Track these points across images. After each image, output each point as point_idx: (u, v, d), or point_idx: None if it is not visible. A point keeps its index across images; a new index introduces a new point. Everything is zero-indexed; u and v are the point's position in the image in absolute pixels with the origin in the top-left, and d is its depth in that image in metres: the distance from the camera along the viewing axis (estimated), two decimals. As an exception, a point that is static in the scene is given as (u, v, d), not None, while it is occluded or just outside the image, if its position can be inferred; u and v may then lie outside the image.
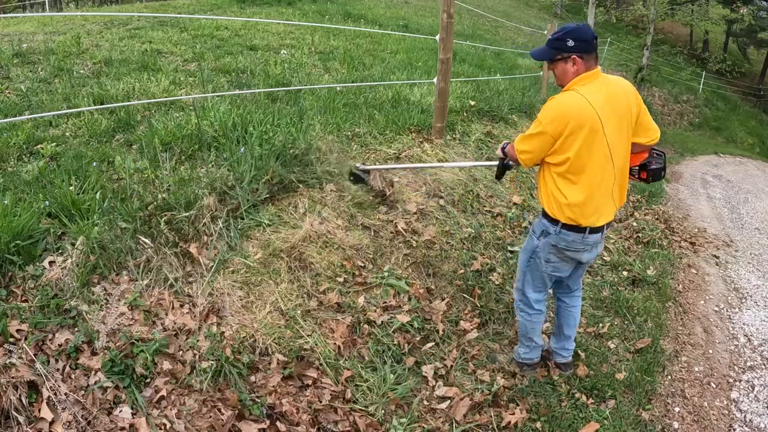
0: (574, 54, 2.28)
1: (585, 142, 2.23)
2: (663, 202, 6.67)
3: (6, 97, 4.07)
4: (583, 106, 2.22)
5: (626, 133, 2.36)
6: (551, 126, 2.25)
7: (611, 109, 2.27)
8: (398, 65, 6.97)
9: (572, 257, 2.51)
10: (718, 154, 13.02)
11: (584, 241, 2.41)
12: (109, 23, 7.27)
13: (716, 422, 2.79)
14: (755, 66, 27.21)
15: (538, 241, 2.53)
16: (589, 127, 2.22)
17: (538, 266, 2.58)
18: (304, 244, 3.00)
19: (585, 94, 2.24)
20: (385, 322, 2.90)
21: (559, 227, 2.41)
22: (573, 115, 2.21)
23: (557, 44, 2.31)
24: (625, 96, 2.34)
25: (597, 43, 2.33)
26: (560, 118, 2.23)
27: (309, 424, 2.27)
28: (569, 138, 2.23)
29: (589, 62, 2.30)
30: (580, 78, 2.30)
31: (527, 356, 2.87)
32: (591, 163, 2.28)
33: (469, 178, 4.60)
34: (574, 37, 2.27)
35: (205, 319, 2.45)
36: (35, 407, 1.91)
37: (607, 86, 2.31)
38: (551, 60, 2.36)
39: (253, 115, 3.85)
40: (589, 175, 2.29)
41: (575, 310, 2.83)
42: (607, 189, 2.36)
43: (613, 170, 2.33)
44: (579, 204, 2.32)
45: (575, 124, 2.21)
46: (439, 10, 4.44)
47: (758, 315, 3.90)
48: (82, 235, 2.44)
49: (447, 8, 4.35)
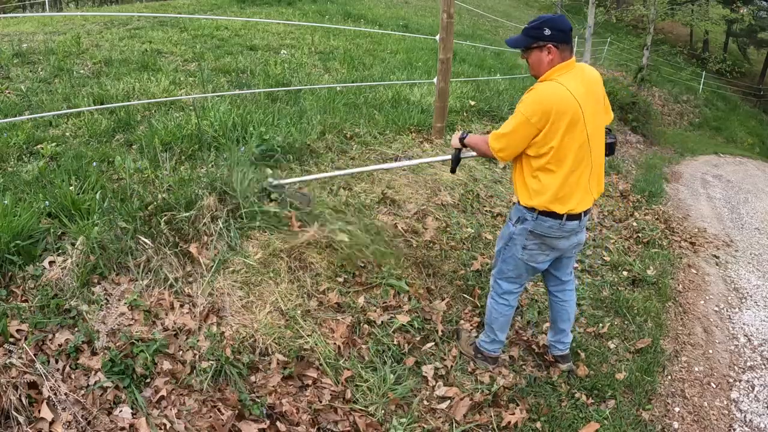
0: (550, 43, 2.29)
1: (567, 132, 2.25)
2: (663, 202, 6.67)
3: (6, 97, 4.07)
4: (565, 95, 2.23)
5: (601, 120, 2.41)
6: (535, 117, 2.24)
7: (588, 98, 2.30)
8: (398, 65, 6.97)
9: (549, 245, 2.50)
10: (718, 154, 13.03)
11: (562, 227, 2.41)
12: (109, 23, 7.27)
13: (716, 422, 2.79)
14: (755, 66, 27.20)
15: (514, 228, 2.53)
16: (570, 116, 2.23)
17: (514, 253, 2.58)
18: (303, 244, 3.00)
19: (564, 83, 2.26)
20: (385, 322, 2.90)
21: (536, 214, 2.41)
22: (556, 105, 2.22)
23: (533, 32, 2.32)
24: (597, 83, 2.40)
25: (572, 35, 2.35)
26: (544, 109, 2.24)
27: (309, 424, 2.27)
28: (553, 128, 2.24)
29: (564, 53, 2.32)
30: (556, 68, 2.31)
31: (485, 345, 2.85)
32: (570, 152, 2.29)
33: (469, 178, 4.60)
34: (551, 26, 2.28)
35: (205, 319, 2.45)
36: (35, 407, 1.91)
37: (582, 75, 2.34)
38: (526, 48, 2.37)
39: (253, 115, 3.85)
40: (568, 164, 2.31)
41: (568, 305, 2.80)
42: (584, 176, 2.37)
43: (590, 158, 2.35)
44: (556, 191, 2.33)
45: (558, 113, 2.22)
46: (439, 10, 4.44)
47: (758, 315, 3.90)
48: (82, 235, 2.44)
49: (447, 8, 4.35)
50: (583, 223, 2.48)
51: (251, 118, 3.78)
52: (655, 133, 12.72)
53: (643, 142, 11.36)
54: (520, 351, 3.06)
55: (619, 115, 11.14)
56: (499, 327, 2.78)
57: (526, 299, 3.56)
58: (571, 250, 2.59)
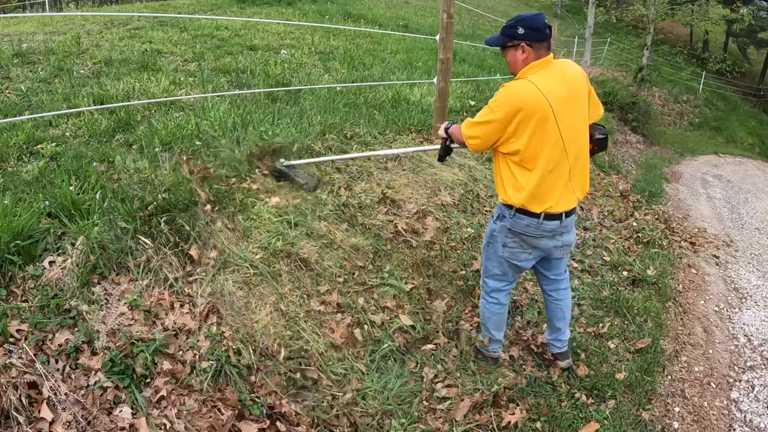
0: (524, 42, 2.30)
1: (536, 130, 2.25)
2: (663, 202, 6.67)
3: (6, 97, 4.07)
4: (533, 93, 2.24)
5: (581, 118, 2.38)
6: (501, 113, 2.26)
7: (564, 96, 2.29)
8: (398, 65, 6.97)
9: (530, 243, 2.50)
10: (718, 154, 13.03)
11: (539, 227, 2.41)
12: (109, 23, 7.27)
13: (716, 422, 2.79)
14: (755, 66, 27.20)
15: (494, 225, 2.56)
16: (539, 114, 2.23)
17: (496, 250, 2.60)
18: (304, 243, 3.00)
19: (535, 81, 2.26)
20: (385, 322, 2.90)
21: (514, 211, 2.42)
22: (523, 103, 2.23)
23: (508, 31, 2.34)
24: (579, 80, 2.37)
25: (549, 33, 2.34)
26: (510, 106, 2.25)
27: (309, 425, 2.27)
28: (520, 125, 2.25)
29: (539, 51, 2.32)
30: (530, 66, 2.32)
31: (484, 346, 2.87)
32: (543, 151, 2.29)
33: (469, 178, 4.60)
34: (525, 25, 2.30)
35: (205, 319, 2.45)
36: (35, 407, 1.91)
37: (559, 73, 2.33)
38: (502, 47, 2.39)
39: (253, 115, 3.85)
40: (541, 163, 2.30)
41: (562, 304, 2.79)
42: (561, 175, 2.36)
43: (567, 157, 2.34)
44: (532, 190, 2.34)
45: (525, 112, 2.23)
46: (439, 10, 4.44)
47: (758, 315, 3.90)
48: (82, 235, 2.44)
49: (447, 8, 4.35)
50: (566, 224, 2.46)
51: (251, 118, 3.78)
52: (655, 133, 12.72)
53: (643, 142, 11.36)
54: (520, 351, 3.06)
55: (619, 115, 11.14)
56: (493, 326, 2.79)
57: (526, 299, 3.56)
58: (558, 250, 2.57)
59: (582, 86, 2.39)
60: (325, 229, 3.17)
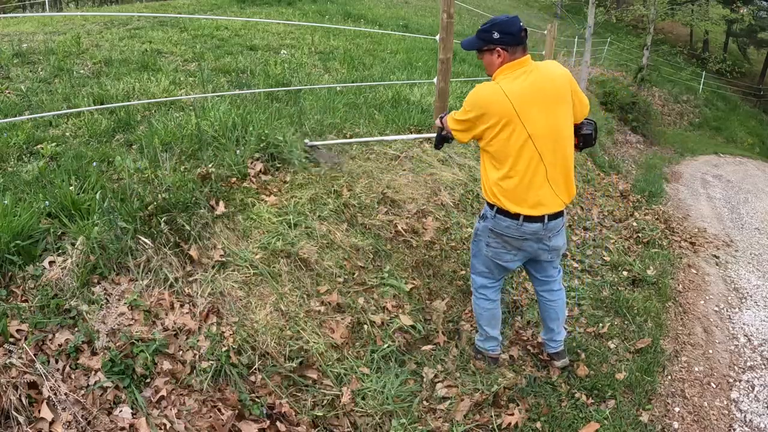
0: (498, 46, 2.32)
1: (502, 132, 2.28)
2: (663, 202, 6.67)
3: (6, 97, 4.07)
4: (496, 97, 2.26)
5: (562, 118, 2.34)
6: (471, 115, 2.35)
7: (534, 98, 2.28)
8: (398, 65, 6.97)
9: (513, 245, 2.50)
10: (718, 154, 13.04)
11: (519, 228, 2.41)
12: (109, 23, 7.27)
13: (716, 422, 2.79)
14: (755, 66, 27.20)
15: (479, 224, 2.61)
16: (503, 118, 2.26)
17: (480, 249, 2.64)
18: (304, 243, 3.00)
19: (502, 84, 2.28)
20: (386, 322, 2.90)
21: (494, 212, 2.44)
22: (486, 107, 2.28)
23: (484, 35, 2.36)
24: (558, 80, 2.35)
25: (525, 35, 2.34)
26: (477, 109, 2.32)
27: (309, 425, 2.27)
28: (487, 128, 2.30)
29: (514, 54, 2.33)
30: (502, 69, 2.34)
31: (482, 345, 2.88)
32: (512, 153, 2.31)
33: (469, 178, 4.60)
34: (500, 29, 2.31)
35: (205, 319, 2.45)
36: (35, 407, 1.91)
37: (532, 75, 2.31)
38: (478, 50, 2.42)
39: (252, 115, 3.85)
40: (513, 164, 2.32)
41: (555, 305, 2.79)
42: (537, 178, 2.34)
43: (540, 159, 2.32)
44: (507, 191, 2.36)
45: (488, 115, 2.28)
46: (439, 10, 4.44)
47: (758, 315, 3.90)
48: (82, 235, 2.44)
49: (447, 8, 4.35)
50: (550, 227, 2.43)
51: (251, 118, 3.78)
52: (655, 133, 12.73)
53: (643, 142, 11.36)
54: (520, 351, 3.06)
55: (619, 115, 11.15)
56: (485, 322, 2.80)
57: (526, 299, 3.56)
58: (545, 254, 2.55)
59: (562, 86, 2.35)
60: (325, 229, 3.17)
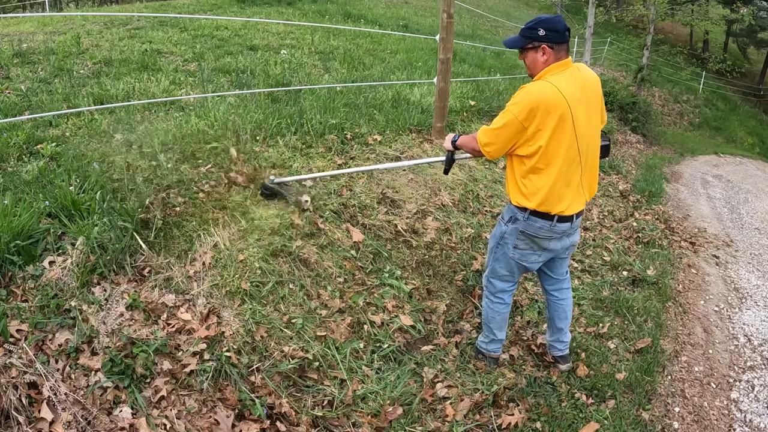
0: (545, 43, 2.30)
1: (555, 131, 2.25)
2: (663, 202, 6.67)
3: (6, 97, 4.07)
4: (553, 94, 2.24)
5: (595, 122, 2.40)
6: (522, 115, 2.25)
7: (581, 99, 2.29)
8: (398, 65, 6.97)
9: (540, 245, 2.50)
10: (718, 154, 13.03)
11: (552, 228, 2.42)
12: (109, 23, 7.27)
13: (716, 422, 2.79)
14: (755, 66, 27.20)
15: (506, 227, 2.54)
16: (558, 115, 2.23)
17: (506, 252, 2.59)
18: (304, 243, 3.00)
19: (554, 82, 2.26)
20: (385, 322, 2.90)
21: (528, 214, 2.42)
22: (543, 104, 2.23)
23: (529, 33, 2.33)
24: (595, 85, 2.39)
25: (569, 35, 2.34)
26: (531, 107, 2.24)
27: (309, 425, 2.27)
28: (540, 126, 2.25)
29: (559, 53, 2.32)
30: (550, 68, 2.32)
31: (485, 346, 2.87)
32: (559, 152, 2.29)
33: (469, 178, 4.60)
34: (546, 26, 2.29)
35: (205, 319, 2.45)
36: (35, 407, 1.91)
37: (578, 76, 2.33)
38: (522, 48, 2.38)
39: (252, 115, 3.85)
40: (557, 164, 2.31)
41: (565, 303, 2.80)
42: (574, 177, 2.36)
43: (579, 159, 2.34)
44: (546, 192, 2.34)
45: (545, 112, 2.23)
46: (439, 10, 4.44)
47: (758, 315, 3.90)
48: (82, 235, 2.44)
49: (447, 8, 4.35)
50: (575, 225, 2.48)
51: (251, 118, 3.78)
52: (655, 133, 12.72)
53: (643, 142, 11.36)
54: (520, 351, 3.06)
55: (619, 115, 11.14)
56: (497, 326, 2.79)
57: (527, 299, 3.56)
58: (564, 251, 2.59)
59: (597, 91, 2.40)
60: (325, 229, 3.17)
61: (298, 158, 3.71)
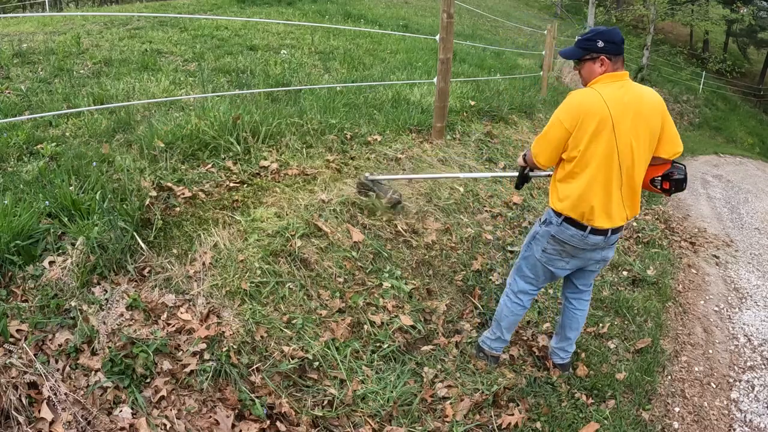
0: (603, 55, 2.32)
1: (593, 136, 2.25)
2: (663, 202, 6.67)
3: (6, 97, 4.07)
4: (595, 100, 2.26)
5: (642, 140, 2.31)
6: (567, 119, 2.28)
7: (627, 111, 2.26)
8: (398, 65, 6.97)
9: (570, 253, 2.50)
10: (718, 154, 13.03)
11: (584, 240, 2.41)
12: (109, 23, 7.27)
13: (716, 422, 2.79)
14: (755, 66, 27.21)
15: (539, 228, 2.57)
16: (597, 121, 2.24)
17: (533, 253, 2.60)
18: (304, 243, 3.00)
19: (600, 90, 2.28)
20: (385, 322, 2.90)
21: (561, 219, 2.43)
22: (585, 108, 2.25)
23: (587, 44, 2.34)
24: (651, 105, 2.31)
25: (624, 47, 2.37)
26: (574, 111, 2.27)
27: (309, 425, 2.27)
28: (581, 130, 2.26)
29: (616, 64, 2.34)
30: (600, 78, 2.33)
31: (489, 343, 2.86)
32: (595, 158, 2.28)
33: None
34: (604, 38, 2.31)
35: (205, 319, 2.45)
36: (35, 407, 1.91)
37: (629, 90, 2.31)
38: (579, 59, 2.39)
39: (252, 115, 3.85)
40: (590, 170, 2.30)
41: (580, 314, 2.81)
42: (612, 190, 2.33)
43: (619, 171, 2.31)
44: (577, 198, 2.34)
45: (586, 116, 2.25)
46: (439, 10, 4.44)
47: (758, 315, 3.90)
48: (82, 235, 2.44)
49: (447, 8, 4.35)
50: (611, 240, 2.45)
51: (251, 118, 3.78)
52: (655, 133, 12.70)
53: (643, 142, 11.35)
54: (520, 351, 3.06)
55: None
56: (507, 326, 2.80)
57: (526, 299, 3.55)
58: (594, 264, 2.60)
59: (653, 112, 2.31)
60: (325, 229, 3.17)
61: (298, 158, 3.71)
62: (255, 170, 3.38)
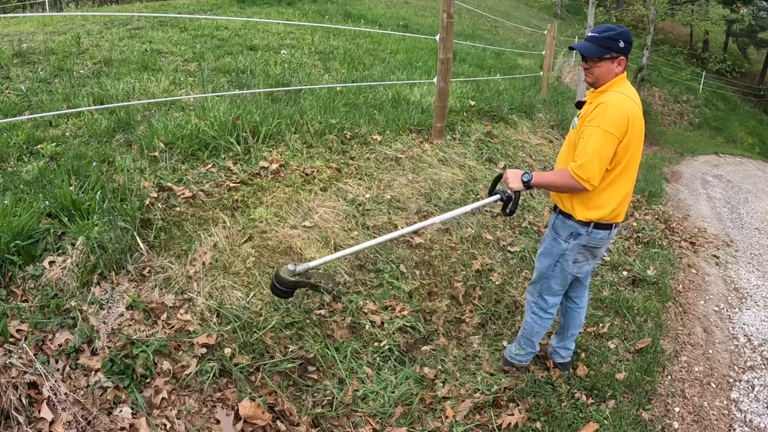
0: (623, 56, 2.33)
1: (636, 142, 2.31)
2: (663, 202, 6.67)
3: (6, 97, 4.07)
4: (635, 106, 2.30)
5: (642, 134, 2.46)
6: (619, 132, 2.23)
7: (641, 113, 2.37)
8: (398, 65, 6.97)
9: (594, 254, 2.58)
10: (718, 154, 13.04)
11: (609, 235, 2.49)
12: (109, 23, 7.27)
13: (716, 422, 2.79)
14: (755, 66, 27.21)
15: (566, 244, 2.50)
16: (639, 125, 2.31)
17: (564, 269, 2.57)
18: (304, 243, 3.00)
19: (628, 94, 2.31)
20: (386, 322, 2.90)
21: (591, 227, 2.42)
22: (632, 116, 2.27)
23: (609, 43, 2.30)
24: None
25: None
26: (623, 123, 2.24)
27: (309, 425, 2.27)
28: (630, 138, 2.28)
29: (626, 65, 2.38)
30: (617, 79, 2.34)
31: (519, 357, 2.87)
32: (635, 160, 2.37)
33: (469, 179, 4.60)
34: (624, 39, 2.30)
35: (206, 319, 2.44)
36: (35, 407, 1.91)
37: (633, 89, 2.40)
38: (598, 58, 2.32)
39: (252, 115, 3.85)
40: (632, 173, 2.39)
41: (582, 311, 2.87)
42: (631, 189, 2.46)
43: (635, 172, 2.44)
44: (619, 202, 2.40)
45: (633, 124, 2.27)
46: (439, 10, 4.44)
47: (758, 315, 3.90)
48: (82, 235, 2.44)
49: (447, 8, 4.35)
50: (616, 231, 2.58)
51: (251, 118, 3.78)
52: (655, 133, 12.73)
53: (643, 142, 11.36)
54: (520, 351, 3.06)
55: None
56: (538, 338, 2.83)
57: (526, 299, 3.55)
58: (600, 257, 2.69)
59: None
60: (326, 229, 3.17)
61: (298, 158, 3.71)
62: (255, 170, 3.38)
